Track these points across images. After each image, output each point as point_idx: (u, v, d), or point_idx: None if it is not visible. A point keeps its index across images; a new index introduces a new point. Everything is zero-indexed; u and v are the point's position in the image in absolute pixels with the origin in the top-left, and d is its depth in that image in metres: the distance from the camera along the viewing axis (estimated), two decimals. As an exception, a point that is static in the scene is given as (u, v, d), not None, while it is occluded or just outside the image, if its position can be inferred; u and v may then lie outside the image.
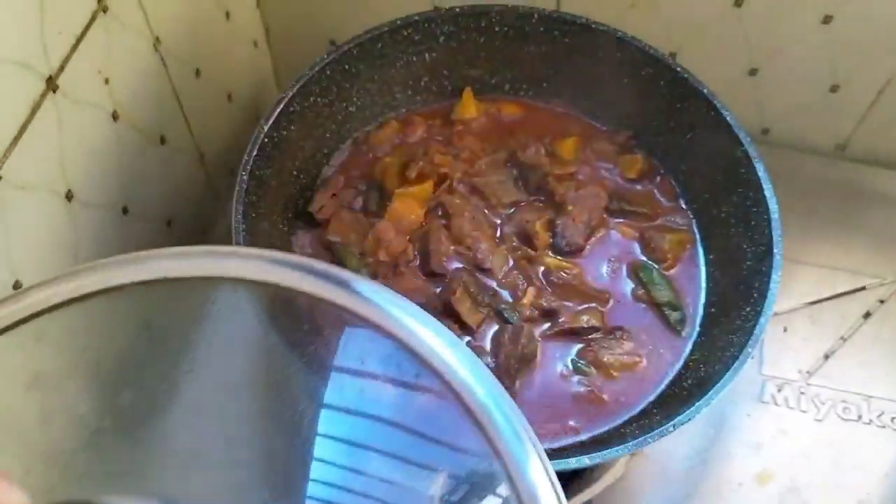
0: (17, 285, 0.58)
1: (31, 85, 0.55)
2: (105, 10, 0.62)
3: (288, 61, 0.97)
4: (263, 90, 0.97)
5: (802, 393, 0.75)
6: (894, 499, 0.70)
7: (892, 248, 0.82)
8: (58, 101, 0.58)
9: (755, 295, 0.60)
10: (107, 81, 0.65)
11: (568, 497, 0.68)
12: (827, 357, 0.76)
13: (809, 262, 0.82)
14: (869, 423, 0.73)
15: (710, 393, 0.54)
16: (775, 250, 0.60)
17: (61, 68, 0.58)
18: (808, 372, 0.76)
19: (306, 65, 0.68)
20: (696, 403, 0.54)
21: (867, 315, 0.78)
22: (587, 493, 0.68)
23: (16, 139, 0.55)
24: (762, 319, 0.57)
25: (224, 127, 0.88)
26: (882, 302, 0.79)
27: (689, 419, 0.54)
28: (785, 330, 0.78)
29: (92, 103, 0.63)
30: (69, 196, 0.63)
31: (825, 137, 0.88)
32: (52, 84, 0.57)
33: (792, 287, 0.80)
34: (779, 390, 0.75)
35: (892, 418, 0.73)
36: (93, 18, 0.61)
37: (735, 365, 0.55)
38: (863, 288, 0.80)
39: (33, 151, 0.56)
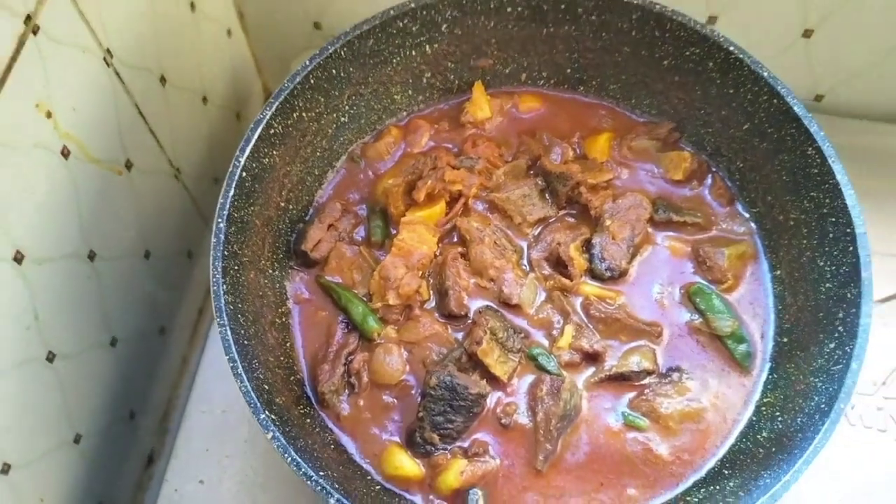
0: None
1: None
2: (35, 31, 0.51)
3: (269, 48, 0.86)
4: (244, 86, 0.87)
5: (880, 409, 0.65)
6: None
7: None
8: (-11, 154, 0.48)
9: (840, 329, 0.50)
10: (49, 115, 0.54)
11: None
12: (905, 365, 0.67)
13: (877, 250, 0.71)
14: (959, 441, 0.64)
15: (798, 462, 0.45)
16: (863, 273, 0.50)
17: (-15, 113, 0.48)
18: (883, 384, 0.66)
19: (291, 52, 0.57)
20: (783, 476, 0.45)
21: (949, 311, 0.68)
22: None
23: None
24: (854, 365, 0.47)
25: (200, 134, 0.78)
26: (966, 295, 0.69)
27: (776, 499, 0.45)
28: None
29: (31, 145, 0.53)
30: (18, 258, 0.53)
31: (886, 104, 0.76)
32: (-25, 135, 0.47)
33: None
34: (852, 407, 0.65)
35: None
36: (20, 43, 0.50)
37: (826, 424, 0.46)
38: (944, 278, 0.70)
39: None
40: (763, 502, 0.45)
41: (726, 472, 0.51)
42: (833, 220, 0.53)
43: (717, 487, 0.50)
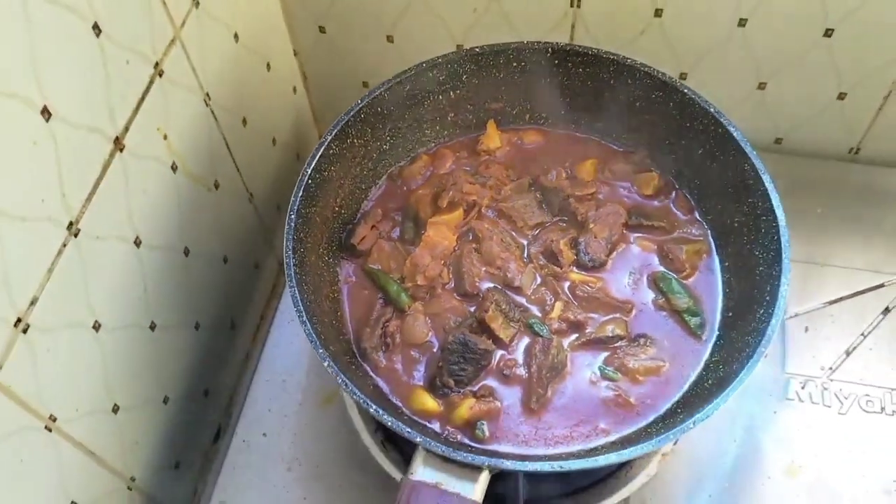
0: (96, 326, 0.66)
1: (99, 146, 0.63)
2: (161, 74, 0.70)
3: (325, 104, 1.05)
4: (304, 132, 1.05)
5: (826, 389, 0.78)
6: (921, 486, 0.73)
7: (909, 245, 0.85)
8: (124, 160, 0.66)
9: (767, 298, 0.64)
10: (165, 137, 0.72)
11: (606, 495, 0.73)
12: (848, 353, 0.80)
13: (828, 263, 0.85)
14: (892, 415, 0.76)
15: (727, 391, 0.59)
16: (784, 255, 0.64)
17: (126, 129, 0.66)
18: (830, 368, 0.79)
19: (342, 106, 0.74)
20: (715, 401, 0.58)
21: (886, 310, 0.82)
22: (624, 492, 0.72)
23: (89, 196, 0.62)
24: (773, 320, 0.61)
25: (269, 168, 0.96)
26: (901, 298, 0.82)
27: (708, 416, 0.58)
28: (806, 329, 0.82)
29: (153, 158, 0.71)
30: (137, 242, 0.70)
31: (837, 143, 0.91)
32: (119, 144, 0.65)
33: (812, 288, 0.84)
34: (802, 387, 0.79)
35: (916, 409, 0.76)
36: (150, 83, 0.68)
37: (749, 364, 0.60)
38: (881, 285, 0.83)
39: (103, 205, 0.64)
40: (699, 419, 0.59)
41: (679, 410, 0.65)
42: (764, 218, 0.68)
43: (671, 421, 0.63)
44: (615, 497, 0.72)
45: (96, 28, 0.59)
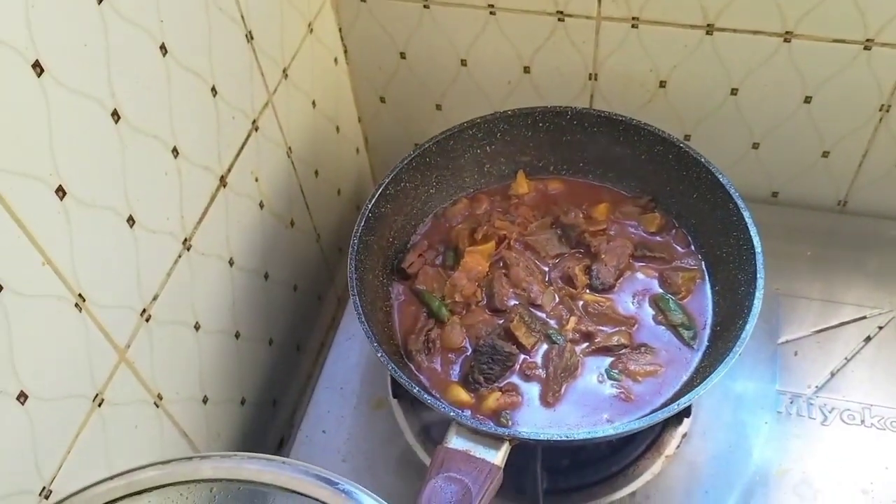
0: (196, 326, 0.82)
1: (210, 182, 0.80)
2: (257, 128, 0.88)
3: (382, 162, 1.22)
4: (363, 187, 1.22)
5: (811, 403, 0.89)
6: (894, 487, 0.82)
7: (888, 283, 0.97)
8: (226, 194, 0.83)
9: (745, 312, 0.77)
10: (257, 179, 0.90)
11: (615, 489, 0.85)
12: (833, 374, 0.91)
13: (817, 297, 0.97)
14: (870, 427, 0.87)
15: (704, 382, 0.72)
16: (759, 275, 0.77)
17: (229, 170, 0.83)
18: (816, 387, 0.90)
19: (397, 161, 0.91)
20: (689, 394, 0.71)
21: (868, 339, 0.93)
22: (631, 487, 0.84)
23: (200, 220, 0.80)
24: (748, 326, 0.74)
25: (334, 215, 1.13)
26: (881, 328, 0.94)
27: (689, 402, 0.71)
28: (796, 354, 0.93)
29: (247, 195, 0.88)
30: (231, 262, 0.87)
31: (826, 196, 1.04)
32: (223, 181, 0.82)
33: (802, 318, 0.96)
34: (791, 402, 0.90)
35: (891, 422, 0.87)
36: (248, 135, 0.87)
37: (726, 359, 0.72)
38: (864, 317, 0.95)
39: (209, 228, 0.81)
40: (681, 403, 0.71)
41: (670, 403, 0.77)
42: (745, 247, 0.81)
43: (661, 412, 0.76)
44: (623, 491, 0.84)
45: (214, 90, 0.77)
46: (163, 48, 0.68)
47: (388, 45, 1.04)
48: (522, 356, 0.82)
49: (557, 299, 0.86)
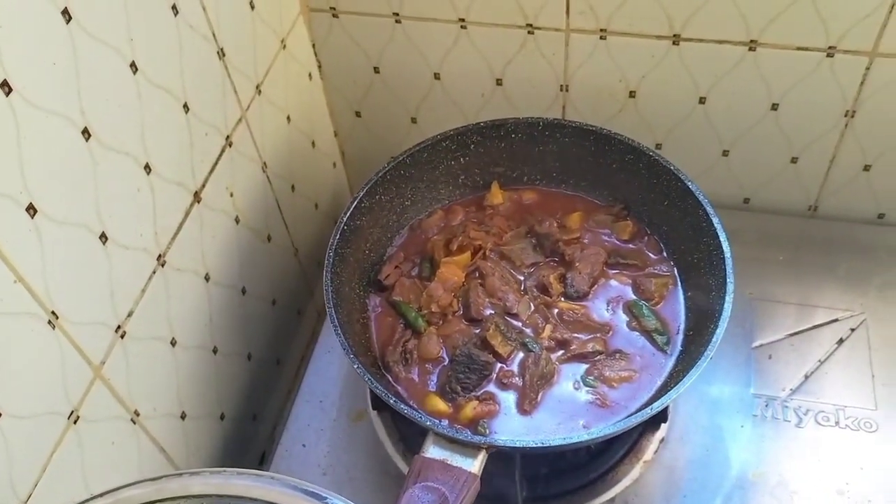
0: (173, 342, 0.82)
1: (184, 198, 0.81)
2: (231, 144, 0.88)
3: (359, 176, 1.23)
4: (340, 201, 1.23)
5: (786, 406, 0.90)
6: (869, 487, 0.84)
7: (859, 286, 0.98)
8: (201, 210, 0.84)
9: (716, 316, 0.78)
10: (231, 195, 0.90)
11: (595, 496, 0.85)
12: (807, 377, 0.92)
13: (790, 301, 0.99)
14: (844, 428, 0.88)
15: (678, 385, 0.72)
16: (728, 280, 0.79)
17: (203, 185, 0.84)
18: (791, 389, 0.92)
19: (373, 174, 0.92)
20: (662, 398, 0.72)
21: (840, 341, 0.94)
22: (610, 493, 0.85)
23: (174, 236, 0.80)
24: (719, 330, 0.75)
25: (312, 229, 1.13)
26: (853, 330, 0.95)
27: (663, 405, 0.72)
28: (770, 357, 0.94)
29: (222, 210, 0.88)
30: (207, 277, 0.87)
31: (797, 202, 1.06)
32: (197, 197, 0.83)
33: (776, 322, 0.97)
34: (766, 405, 0.91)
35: (864, 423, 0.88)
36: (222, 151, 0.87)
37: (698, 363, 0.73)
38: (836, 320, 0.96)
39: (184, 244, 0.81)
40: (655, 407, 0.72)
41: (645, 407, 0.78)
42: (715, 252, 0.82)
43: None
44: (602, 497, 0.85)
45: (186, 107, 0.78)
46: (133, 66, 0.69)
47: (361, 59, 1.05)
48: (499, 365, 0.83)
49: (533, 308, 0.87)
